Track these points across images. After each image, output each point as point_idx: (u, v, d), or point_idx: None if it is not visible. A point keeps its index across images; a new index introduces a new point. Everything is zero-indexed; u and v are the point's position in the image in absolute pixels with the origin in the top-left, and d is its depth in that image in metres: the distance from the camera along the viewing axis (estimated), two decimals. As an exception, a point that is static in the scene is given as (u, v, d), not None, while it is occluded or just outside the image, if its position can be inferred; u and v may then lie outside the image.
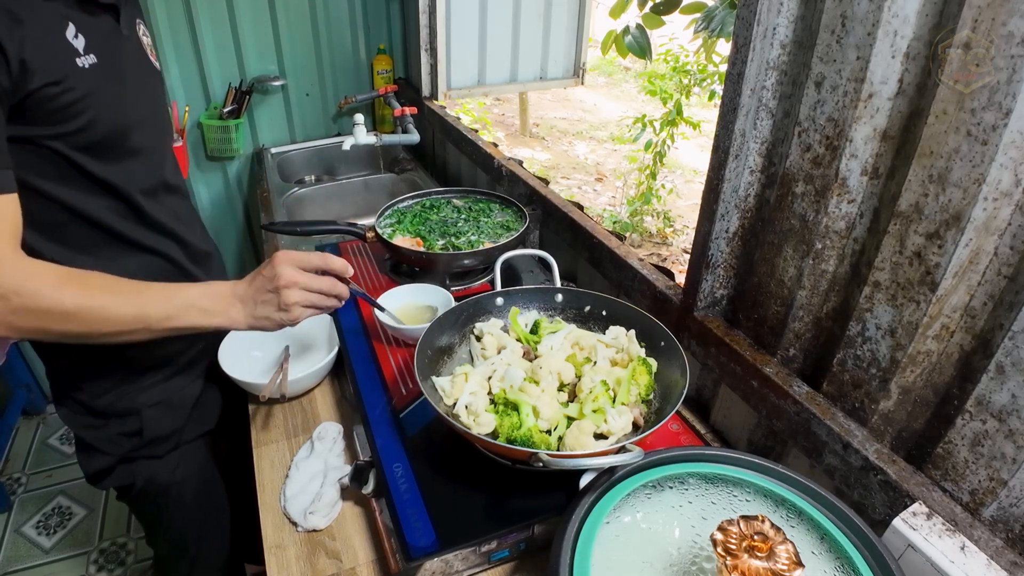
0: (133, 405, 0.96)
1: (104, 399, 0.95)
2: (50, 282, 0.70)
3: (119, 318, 0.74)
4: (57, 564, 1.83)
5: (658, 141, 3.77)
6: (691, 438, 0.88)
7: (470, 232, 1.27)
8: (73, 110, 0.74)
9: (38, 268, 0.71)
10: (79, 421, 0.96)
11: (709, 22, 1.51)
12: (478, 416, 0.76)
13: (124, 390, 0.96)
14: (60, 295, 0.70)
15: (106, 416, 0.96)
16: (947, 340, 0.62)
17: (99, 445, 0.97)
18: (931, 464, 0.65)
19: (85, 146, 0.78)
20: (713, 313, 0.92)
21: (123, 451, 0.98)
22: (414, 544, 0.69)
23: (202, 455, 1.09)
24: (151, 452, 1.01)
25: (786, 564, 0.49)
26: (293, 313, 0.80)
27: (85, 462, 1.00)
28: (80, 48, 0.75)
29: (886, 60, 0.60)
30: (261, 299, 0.80)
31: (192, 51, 2.02)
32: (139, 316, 0.75)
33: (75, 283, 0.72)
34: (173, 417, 1.01)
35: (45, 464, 2.17)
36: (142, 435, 0.98)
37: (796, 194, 0.73)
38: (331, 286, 0.82)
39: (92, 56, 0.77)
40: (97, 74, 0.77)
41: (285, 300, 0.79)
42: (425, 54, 2.02)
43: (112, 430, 0.97)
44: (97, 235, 0.85)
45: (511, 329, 0.94)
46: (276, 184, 1.99)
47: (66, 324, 0.71)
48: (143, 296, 0.76)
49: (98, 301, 0.72)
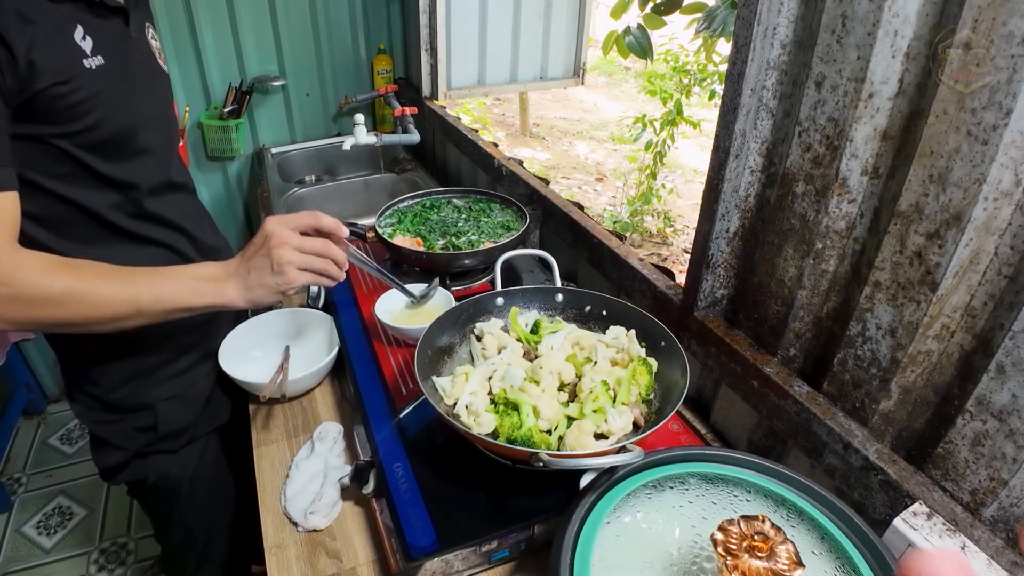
0: (147, 399, 0.97)
1: (118, 393, 0.95)
2: (39, 269, 0.70)
3: (109, 301, 0.73)
4: (58, 564, 1.83)
5: (658, 141, 3.77)
6: (691, 438, 0.88)
7: (470, 232, 1.27)
8: (80, 109, 0.75)
9: (28, 257, 0.71)
10: (93, 416, 0.97)
11: (710, 22, 1.51)
12: (478, 416, 0.76)
13: (138, 384, 0.96)
14: (49, 281, 0.70)
15: (120, 411, 0.96)
16: (947, 340, 0.62)
17: (113, 440, 0.98)
18: (931, 464, 0.65)
19: (93, 145, 0.79)
20: (713, 313, 0.92)
21: (138, 446, 0.99)
22: (414, 544, 0.69)
23: (214, 450, 1.10)
24: (165, 447, 1.01)
25: (786, 564, 0.49)
26: (288, 275, 0.77)
27: (99, 458, 1.00)
28: (88, 49, 0.76)
29: (886, 60, 0.60)
30: (254, 266, 0.77)
31: (192, 51, 2.02)
32: (129, 298, 0.74)
33: (65, 269, 0.72)
34: (187, 411, 1.02)
35: (45, 464, 2.17)
36: (156, 430, 0.98)
37: (796, 194, 0.73)
38: (325, 247, 0.79)
39: (100, 57, 0.77)
40: (104, 75, 0.78)
41: (278, 261, 0.76)
42: (425, 54, 2.02)
43: (127, 425, 0.97)
44: (104, 230, 0.86)
45: (511, 329, 0.94)
46: (276, 184, 1.99)
47: (57, 310, 0.71)
48: (133, 279, 0.75)
49: (88, 286, 0.72)
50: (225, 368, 0.98)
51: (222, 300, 0.78)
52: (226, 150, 2.14)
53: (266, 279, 0.77)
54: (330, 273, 0.81)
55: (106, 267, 0.76)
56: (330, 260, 0.80)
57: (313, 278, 0.80)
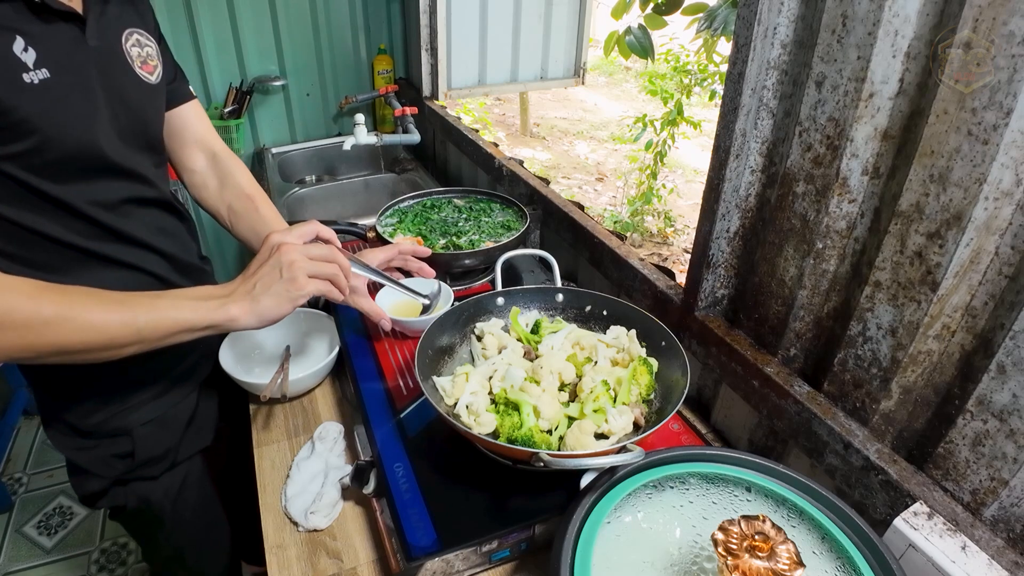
0: (123, 424, 0.92)
1: (92, 419, 0.90)
2: (25, 292, 0.65)
3: (105, 324, 0.68)
4: (58, 564, 1.83)
5: (659, 141, 3.77)
6: (692, 438, 0.88)
7: (471, 232, 1.27)
8: (21, 129, 0.69)
9: (11, 281, 0.65)
10: (69, 443, 0.92)
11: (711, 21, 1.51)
12: (479, 416, 0.76)
13: (113, 409, 0.91)
14: (37, 304, 0.65)
15: (96, 436, 0.92)
16: (948, 340, 0.62)
17: (91, 468, 0.94)
18: (932, 464, 0.65)
19: (39, 166, 0.72)
20: (714, 313, 0.92)
21: (116, 473, 0.94)
22: (415, 544, 0.69)
23: (198, 472, 1.05)
24: (145, 473, 0.96)
25: (787, 564, 0.49)
26: (299, 281, 0.74)
27: (78, 485, 0.96)
28: (30, 62, 0.69)
29: (887, 60, 0.60)
30: (260, 277, 0.74)
31: (193, 51, 2.02)
32: (125, 321, 0.69)
33: (54, 292, 0.67)
34: (167, 436, 0.97)
35: (46, 464, 2.17)
36: (134, 456, 0.94)
37: (797, 194, 0.73)
38: (332, 252, 0.78)
39: (44, 71, 0.70)
40: (50, 90, 0.70)
41: (288, 267, 0.73)
42: (426, 54, 2.02)
43: (103, 451, 0.93)
44: (68, 254, 0.80)
45: (512, 329, 0.94)
46: (277, 184, 1.99)
47: (50, 335, 0.66)
48: (128, 301, 0.70)
49: (79, 309, 0.67)
50: (225, 368, 0.98)
51: (225, 318, 0.73)
52: (226, 150, 2.14)
53: (275, 287, 0.74)
54: (338, 280, 0.78)
55: (98, 291, 0.71)
56: (337, 266, 0.78)
57: (323, 286, 0.77)
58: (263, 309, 0.74)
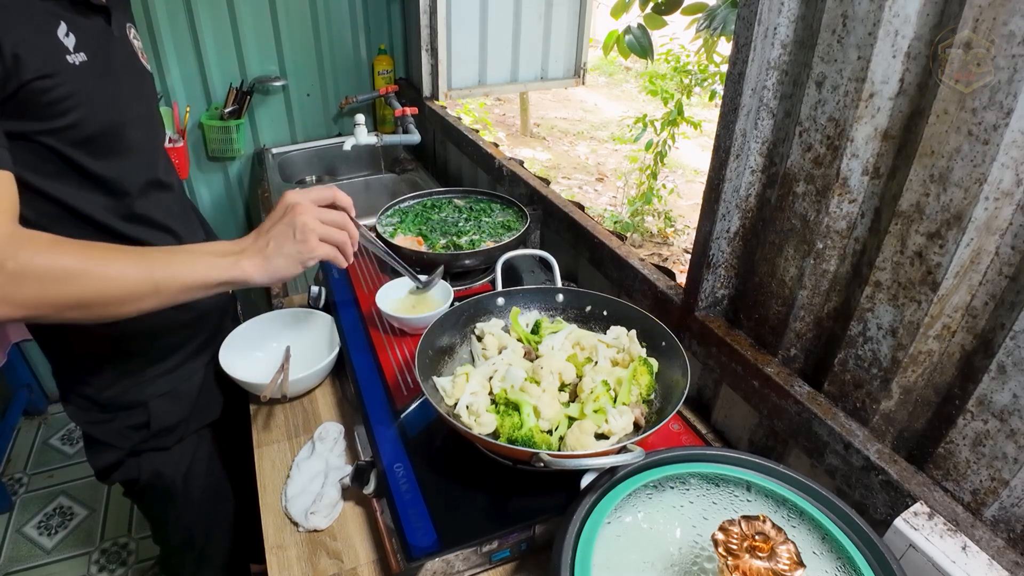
0: (140, 397, 0.97)
1: (110, 392, 0.95)
2: (46, 245, 0.68)
3: (123, 276, 0.70)
4: (58, 564, 1.84)
5: (659, 141, 3.77)
6: (692, 438, 0.88)
7: (471, 232, 1.27)
8: (64, 105, 0.75)
9: (32, 235, 0.68)
10: (86, 417, 0.97)
11: (711, 21, 1.51)
12: (479, 416, 0.76)
13: (130, 383, 0.96)
14: (57, 254, 0.67)
15: (112, 409, 0.97)
16: (948, 340, 0.62)
17: (107, 439, 0.99)
18: (932, 464, 0.65)
19: (79, 141, 0.78)
20: (714, 313, 0.92)
21: (131, 444, 0.99)
22: (415, 544, 0.69)
23: (207, 448, 1.10)
24: (158, 444, 1.02)
25: (787, 564, 0.49)
26: (310, 243, 0.76)
27: (93, 458, 1.01)
28: (71, 46, 0.76)
29: (887, 60, 0.60)
30: (273, 235, 0.76)
31: (193, 51, 2.02)
32: (143, 274, 0.71)
33: (73, 246, 0.69)
34: (179, 408, 1.02)
35: (46, 464, 2.17)
36: (149, 427, 0.99)
37: (797, 194, 0.73)
38: (343, 219, 0.80)
39: (82, 54, 0.77)
40: (87, 71, 0.78)
41: (301, 228, 0.75)
42: (426, 54, 2.02)
43: (119, 423, 0.98)
44: (86, 230, 0.84)
45: (512, 329, 0.94)
46: (277, 184, 1.99)
47: (69, 287, 0.67)
48: (145, 255, 0.73)
49: (98, 261, 0.69)
50: (226, 368, 0.98)
51: (239, 274, 0.76)
52: (227, 150, 2.14)
53: (287, 247, 0.76)
54: (345, 248, 0.81)
55: (115, 245, 0.74)
56: (346, 234, 0.80)
57: (331, 251, 0.79)
58: (274, 268, 0.76)
